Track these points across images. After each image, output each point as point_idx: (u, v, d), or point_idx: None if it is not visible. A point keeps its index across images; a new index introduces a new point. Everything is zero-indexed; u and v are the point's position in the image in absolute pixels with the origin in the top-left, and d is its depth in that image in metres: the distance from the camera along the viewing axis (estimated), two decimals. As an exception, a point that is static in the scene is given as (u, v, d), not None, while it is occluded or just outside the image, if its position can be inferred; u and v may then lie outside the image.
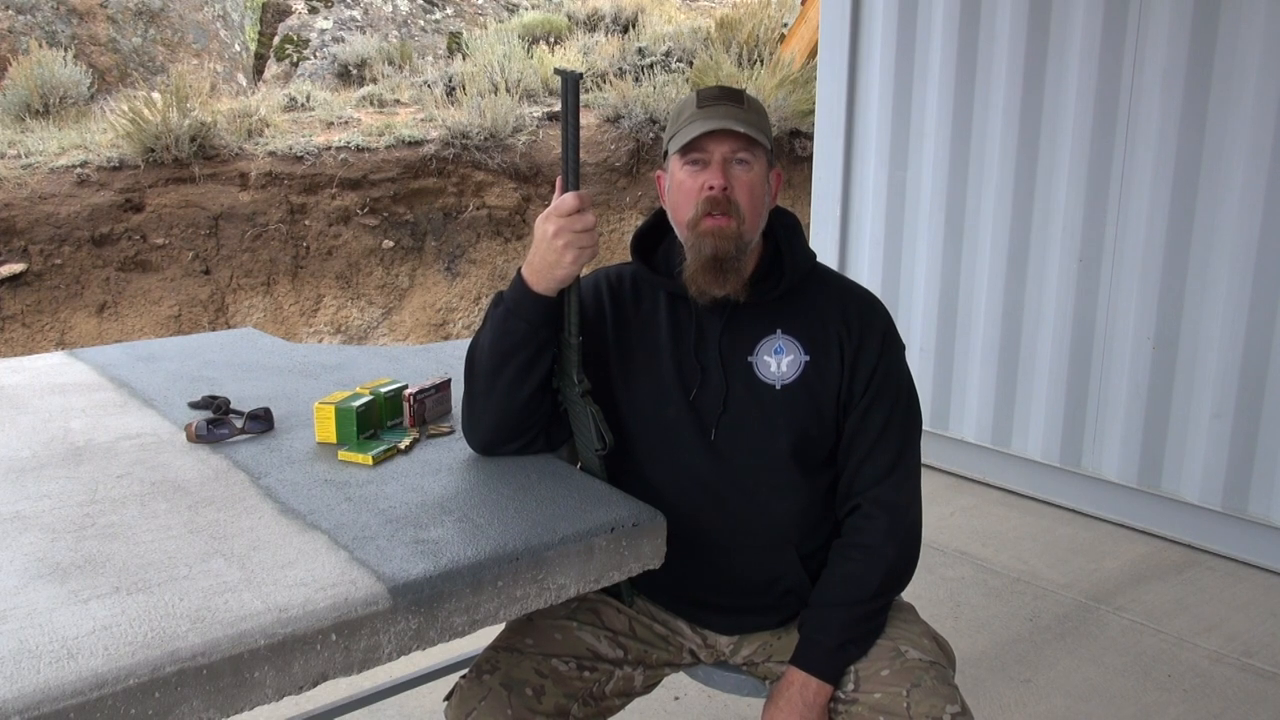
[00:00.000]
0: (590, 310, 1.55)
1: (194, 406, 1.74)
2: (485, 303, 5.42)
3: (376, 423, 1.62)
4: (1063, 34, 3.39)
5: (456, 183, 6.63)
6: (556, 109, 7.07)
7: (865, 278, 4.01)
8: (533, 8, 10.09)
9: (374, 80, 8.06)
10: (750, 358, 1.51)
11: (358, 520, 1.28)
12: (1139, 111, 3.23)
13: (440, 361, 2.04)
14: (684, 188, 1.47)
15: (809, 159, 5.13)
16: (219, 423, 1.58)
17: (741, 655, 1.61)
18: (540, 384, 1.45)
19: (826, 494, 1.55)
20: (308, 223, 6.20)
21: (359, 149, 6.46)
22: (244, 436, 1.59)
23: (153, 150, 5.94)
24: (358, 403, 1.57)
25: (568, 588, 1.25)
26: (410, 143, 6.57)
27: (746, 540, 1.52)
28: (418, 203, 6.49)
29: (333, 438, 1.56)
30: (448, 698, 1.43)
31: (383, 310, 6.22)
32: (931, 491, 2.06)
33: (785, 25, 8.30)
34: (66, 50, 7.43)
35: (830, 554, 1.53)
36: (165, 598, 1.07)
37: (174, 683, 0.96)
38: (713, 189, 1.44)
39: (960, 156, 3.71)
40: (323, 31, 8.96)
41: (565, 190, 1.38)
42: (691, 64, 8.10)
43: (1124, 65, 3.25)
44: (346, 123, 6.86)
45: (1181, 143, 3.14)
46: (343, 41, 8.75)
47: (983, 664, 2.57)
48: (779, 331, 1.51)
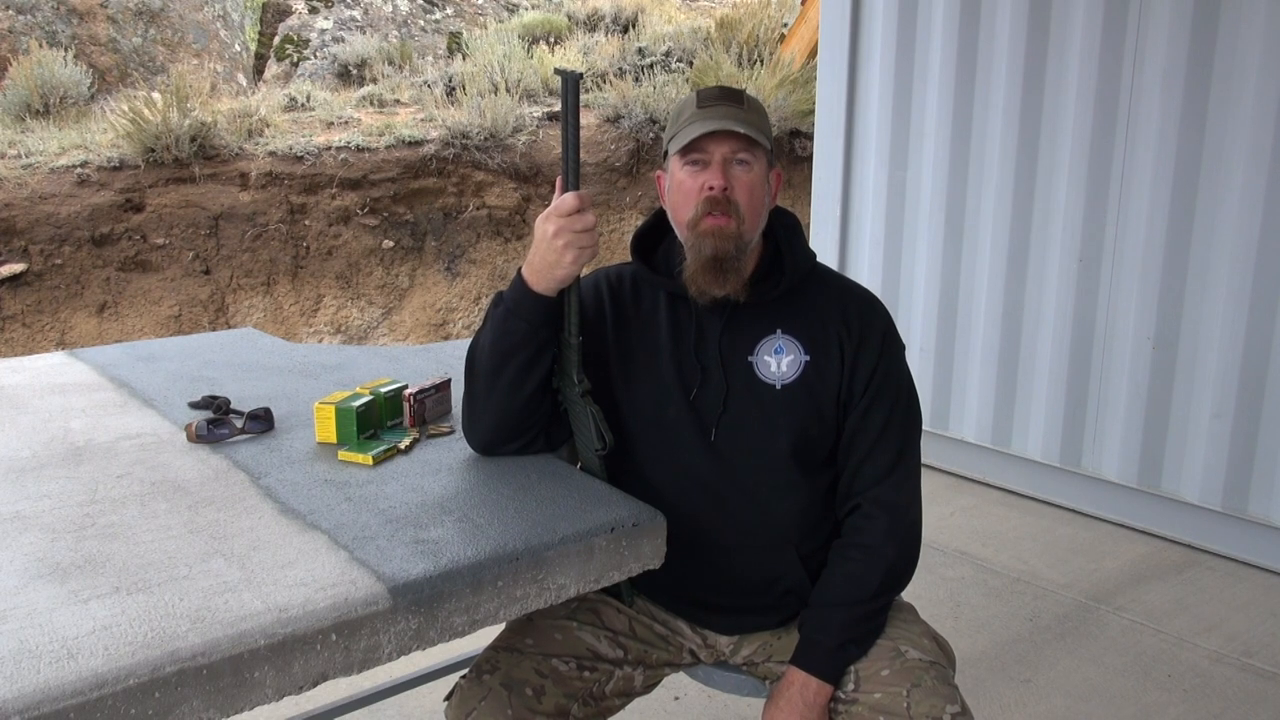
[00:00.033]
0: (590, 310, 1.55)
1: (194, 406, 1.74)
2: (485, 303, 5.42)
3: (376, 423, 1.62)
4: (1063, 34, 3.39)
5: (456, 183, 6.63)
6: (556, 109, 7.07)
7: (865, 278, 4.01)
8: (533, 8, 10.09)
9: (374, 80, 8.06)
10: (750, 358, 1.51)
11: (358, 520, 1.28)
12: (1139, 111, 3.23)
13: (440, 361, 2.04)
14: (684, 188, 1.47)
15: (809, 159, 5.13)
16: (219, 423, 1.58)
17: (741, 655, 1.61)
18: (540, 384, 1.45)
19: (826, 494, 1.55)
20: (308, 223, 6.20)
21: (359, 149, 6.46)
22: (244, 436, 1.59)
23: (153, 150, 5.95)
24: (358, 403, 1.57)
25: (568, 588, 1.25)
26: (410, 143, 6.57)
27: (746, 540, 1.52)
28: (418, 203, 6.49)
29: (333, 438, 1.56)
30: (448, 698, 1.43)
31: (383, 310, 6.22)
32: (931, 491, 2.06)
33: (785, 25, 8.30)
34: (66, 50, 7.43)
35: (830, 554, 1.53)
36: (165, 598, 1.07)
37: (174, 683, 0.96)
38: (713, 189, 1.44)
39: (960, 156, 3.71)
40: (323, 31, 8.96)
41: (565, 190, 1.38)
42: (691, 64, 8.10)
43: (1124, 65, 3.25)
44: (346, 123, 6.86)
45: (1181, 143, 3.14)
46: (343, 41, 8.74)
47: (983, 664, 2.57)
48: (779, 331, 1.52)
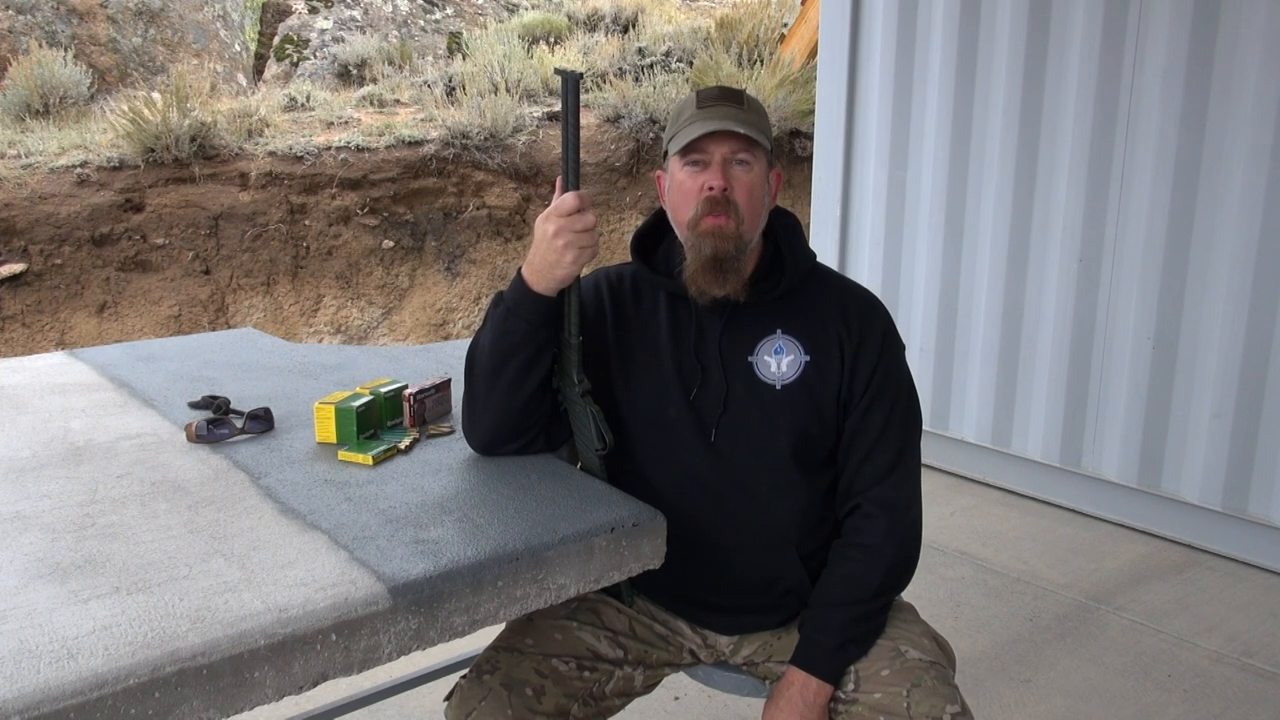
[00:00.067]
0: (590, 310, 1.55)
1: (194, 406, 1.74)
2: (485, 303, 5.41)
3: (376, 423, 1.62)
4: (1063, 34, 3.39)
5: (456, 183, 6.63)
6: (556, 109, 7.07)
7: (865, 278, 4.01)
8: (533, 8, 10.09)
9: (374, 80, 8.06)
10: (750, 358, 1.51)
11: (358, 520, 1.28)
12: (1139, 111, 3.23)
13: (440, 361, 2.04)
14: (684, 188, 1.47)
15: (809, 159, 5.13)
16: (219, 423, 1.58)
17: (741, 655, 1.61)
18: (540, 384, 1.45)
19: (826, 494, 1.55)
20: (308, 223, 6.20)
21: (359, 149, 6.46)
22: (244, 436, 1.59)
23: (153, 150, 5.95)
24: (358, 403, 1.57)
25: (568, 588, 1.25)
26: (410, 143, 6.57)
27: (746, 540, 1.52)
28: (418, 203, 6.49)
29: (333, 438, 1.56)
30: (448, 698, 1.43)
31: (383, 310, 6.22)
32: (931, 491, 2.06)
33: (785, 25, 8.30)
34: (66, 50, 7.43)
35: (830, 554, 1.53)
36: (165, 598, 1.07)
37: (174, 683, 0.96)
38: (712, 189, 1.44)
39: (960, 156, 3.71)
40: (323, 31, 8.96)
41: (565, 190, 1.38)
42: (691, 64, 8.09)
43: (1124, 65, 3.25)
44: (346, 123, 6.86)
45: (1181, 143, 3.14)
46: (343, 41, 8.74)
47: (983, 664, 2.57)
48: (779, 331, 1.52)
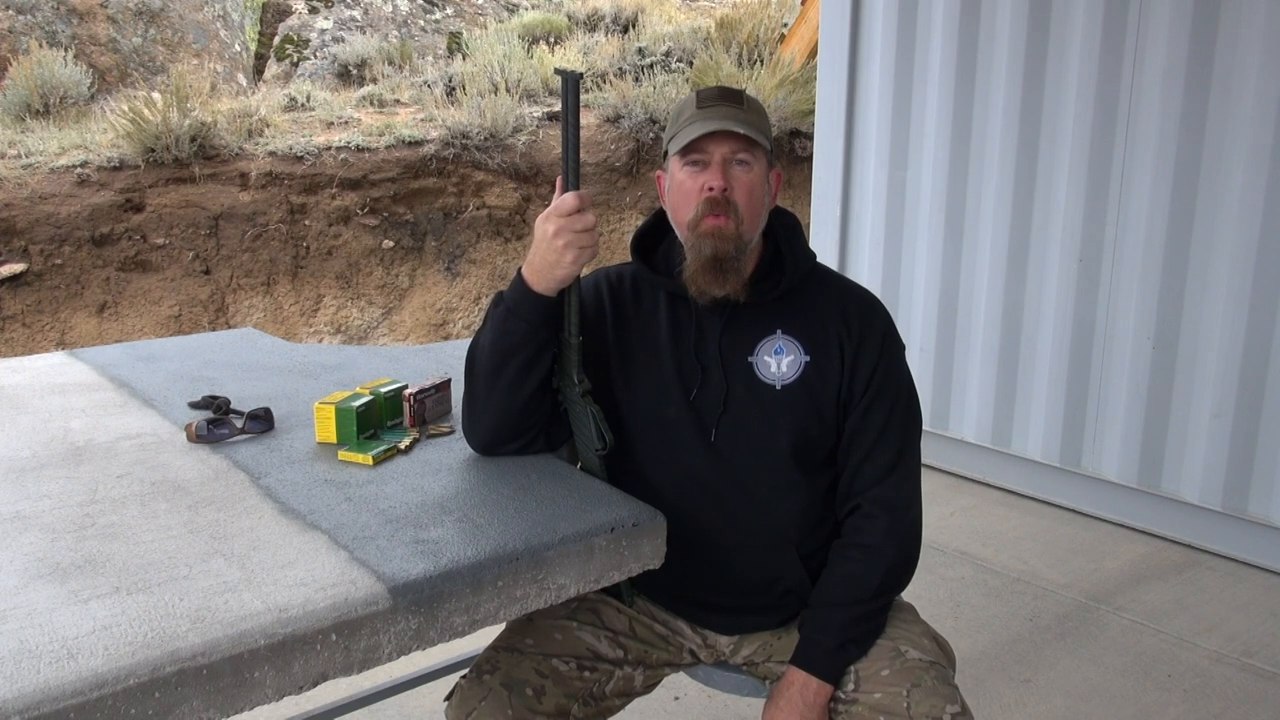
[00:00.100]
0: (590, 310, 1.55)
1: (194, 406, 1.74)
2: (485, 303, 5.41)
3: (376, 423, 1.62)
4: (1063, 34, 3.39)
5: (456, 183, 6.63)
6: (556, 109, 7.07)
7: (865, 278, 4.01)
8: (533, 8, 10.09)
9: (374, 80, 8.06)
10: (750, 358, 1.51)
11: (358, 520, 1.28)
12: (1139, 111, 3.23)
13: (440, 361, 2.04)
14: (684, 188, 1.47)
15: (809, 159, 5.13)
16: (219, 423, 1.58)
17: (741, 655, 1.61)
18: (540, 384, 1.45)
19: (827, 494, 1.55)
20: (308, 223, 6.20)
21: (359, 149, 6.46)
22: (244, 436, 1.59)
23: (153, 150, 5.95)
24: (358, 403, 1.57)
25: (568, 588, 1.25)
26: (410, 143, 6.57)
27: (746, 540, 1.52)
28: (418, 203, 6.49)
29: (333, 438, 1.56)
30: (448, 698, 1.43)
31: (383, 310, 6.22)
32: (931, 491, 2.06)
33: (785, 25, 8.30)
34: (66, 50, 7.43)
35: (830, 554, 1.53)
36: (165, 598, 1.07)
37: (174, 683, 0.96)
38: (712, 190, 1.44)
39: (960, 156, 3.71)
40: (323, 31, 8.96)
41: (565, 190, 1.38)
42: (691, 64, 8.09)
43: (1124, 65, 3.25)
44: (346, 123, 6.86)
45: (1181, 143, 3.14)
46: (343, 41, 8.74)
47: (983, 664, 2.57)
48: (779, 332, 1.51)
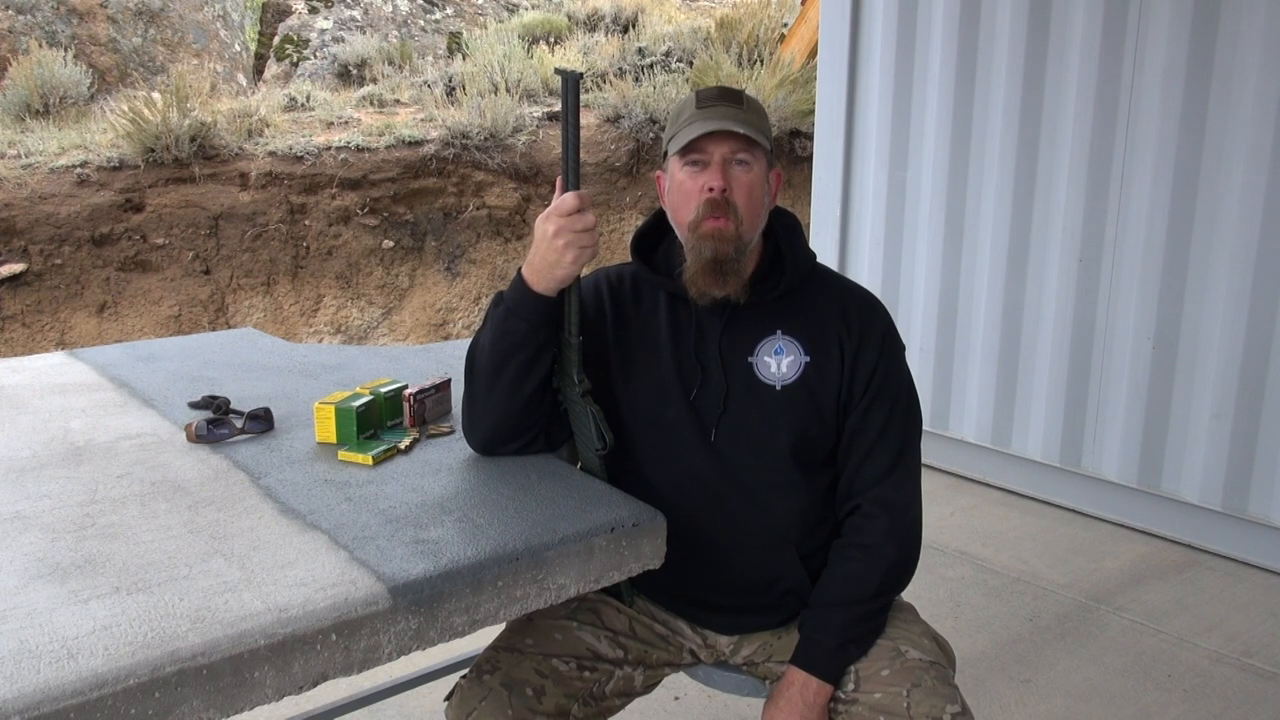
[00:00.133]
0: (590, 310, 1.55)
1: (194, 406, 1.74)
2: (485, 303, 5.41)
3: (376, 423, 1.62)
4: (1063, 34, 3.39)
5: (456, 183, 6.63)
6: (556, 109, 7.07)
7: (865, 278, 4.01)
8: (533, 8, 10.09)
9: (374, 80, 8.06)
10: (750, 358, 1.51)
11: (358, 520, 1.28)
12: (1139, 111, 3.23)
13: (440, 361, 2.04)
14: (684, 189, 1.47)
15: (809, 159, 5.13)
16: (219, 423, 1.58)
17: (741, 655, 1.61)
18: (540, 384, 1.45)
19: (827, 494, 1.55)
20: (308, 223, 6.20)
21: (359, 149, 6.46)
22: (244, 436, 1.59)
23: (153, 150, 5.94)
24: (358, 403, 1.57)
25: (568, 588, 1.25)
26: (410, 143, 6.57)
27: (746, 540, 1.52)
28: (418, 203, 6.49)
29: (333, 438, 1.56)
30: (448, 698, 1.43)
31: (383, 310, 6.22)
32: (931, 491, 2.06)
33: (785, 25, 8.30)
34: (66, 50, 7.43)
35: (830, 554, 1.53)
36: (165, 598, 1.07)
37: (174, 683, 0.96)
38: (712, 190, 1.44)
39: (960, 156, 3.71)
40: (323, 31, 8.96)
41: (565, 190, 1.38)
42: (691, 64, 8.09)
43: (1124, 65, 3.25)
44: (346, 123, 6.86)
45: (1181, 143, 3.14)
46: (343, 41, 8.74)
47: (983, 664, 2.57)
48: (779, 332, 1.51)
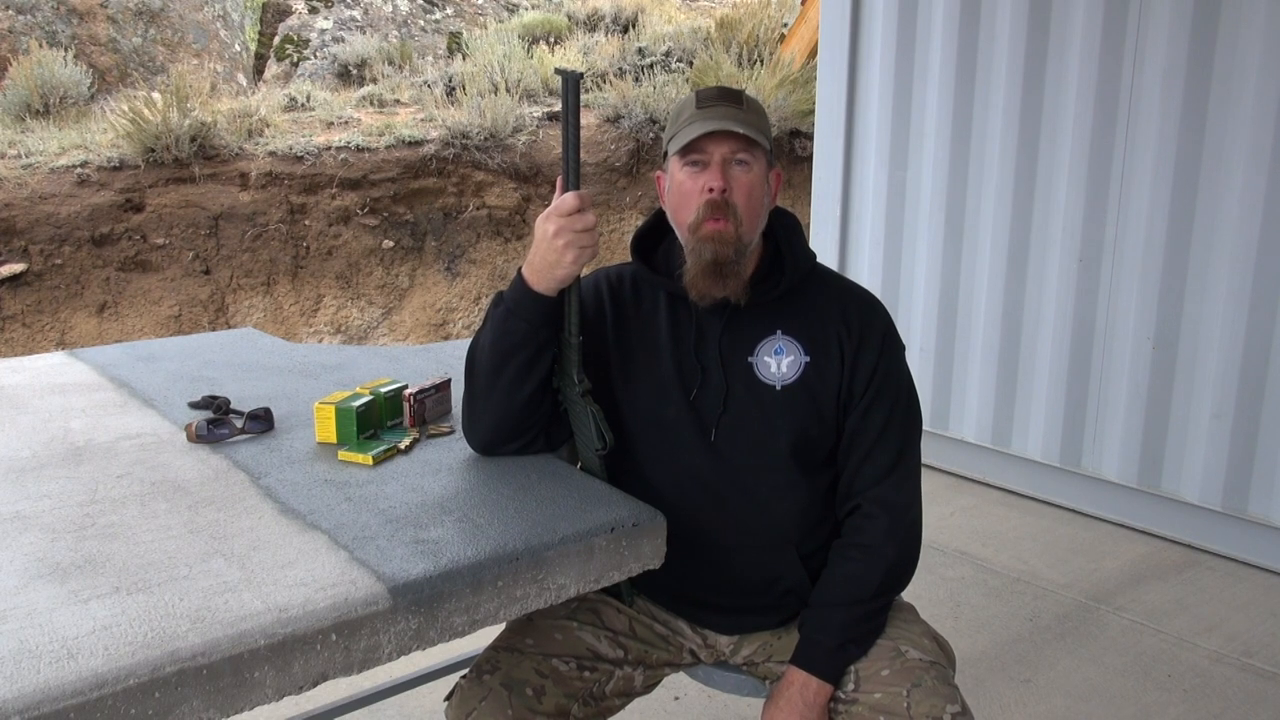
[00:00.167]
0: (590, 310, 1.55)
1: (194, 406, 1.74)
2: (485, 303, 5.42)
3: (376, 423, 1.62)
4: (1063, 34, 3.39)
5: (456, 183, 6.63)
6: (557, 109, 7.07)
7: (865, 278, 4.01)
8: (533, 8, 10.09)
9: (374, 80, 8.06)
10: (750, 358, 1.51)
11: (358, 520, 1.28)
12: (1139, 111, 3.23)
13: (440, 361, 2.04)
14: (684, 189, 1.47)
15: (809, 159, 5.13)
16: (219, 423, 1.58)
17: (741, 655, 1.61)
18: (540, 384, 1.45)
19: (827, 494, 1.55)
20: (308, 223, 6.20)
21: (359, 149, 6.46)
22: (244, 436, 1.59)
23: (153, 150, 5.94)
24: (358, 403, 1.57)
25: (568, 588, 1.25)
26: (410, 143, 6.57)
27: (746, 540, 1.52)
28: (418, 203, 6.49)
29: (333, 438, 1.56)
30: (448, 698, 1.43)
31: (383, 310, 6.22)
32: (931, 491, 2.06)
33: (785, 25, 8.30)
34: (66, 50, 7.43)
35: (830, 554, 1.53)
36: (165, 598, 1.07)
37: (174, 683, 0.96)
38: (712, 191, 1.44)
39: (960, 156, 3.71)
40: (323, 31, 8.96)
41: (565, 190, 1.38)
42: (691, 64, 8.09)
43: (1124, 65, 3.25)
44: (346, 123, 6.86)
45: (1181, 143, 3.14)
46: (343, 41, 8.74)
47: (983, 664, 2.57)
48: (779, 332, 1.51)
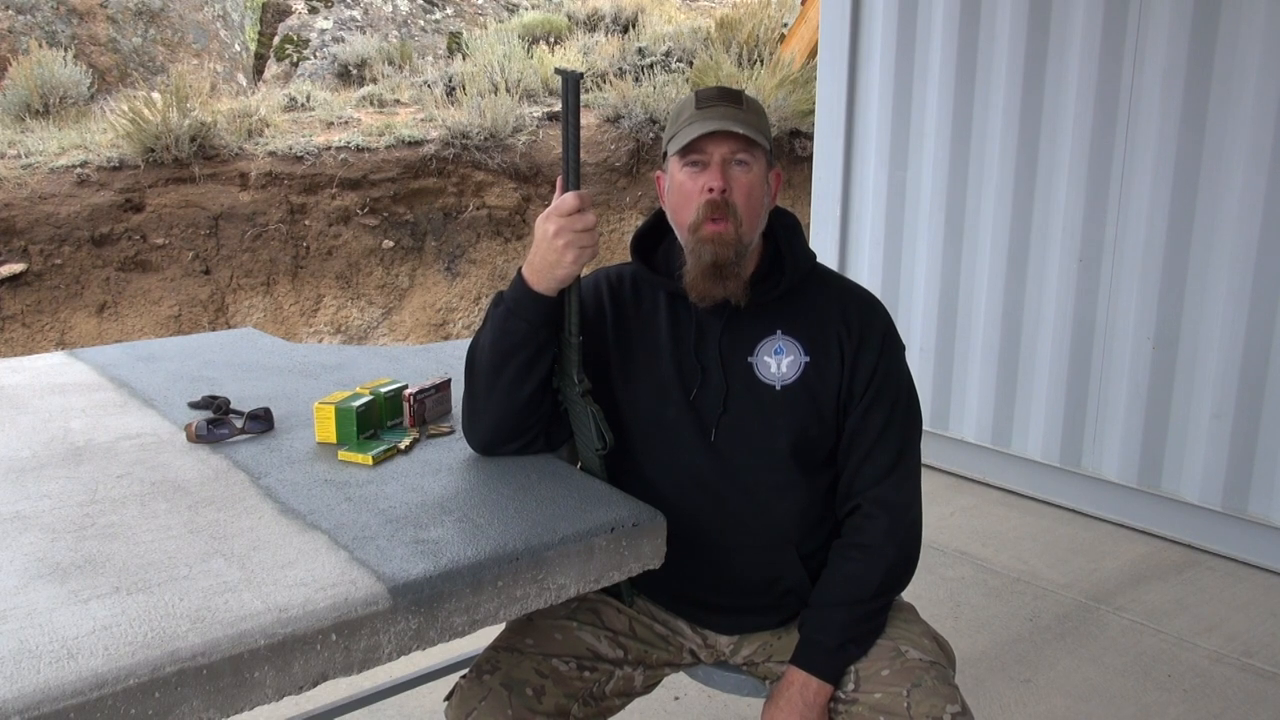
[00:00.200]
0: (590, 310, 1.55)
1: (194, 406, 1.74)
2: (485, 303, 5.42)
3: (376, 423, 1.62)
4: (1063, 34, 3.39)
5: (456, 183, 6.63)
6: (557, 109, 7.07)
7: (865, 278, 4.01)
8: (533, 8, 10.09)
9: (374, 80, 8.06)
10: (750, 358, 1.51)
11: (358, 520, 1.28)
12: (1139, 111, 3.23)
13: (440, 361, 2.04)
14: (684, 189, 1.47)
15: (809, 159, 5.12)
16: (219, 423, 1.58)
17: (741, 655, 1.61)
18: (540, 384, 1.45)
19: (826, 494, 1.55)
20: (308, 223, 6.20)
21: (359, 149, 6.46)
22: (244, 436, 1.59)
23: (153, 150, 5.94)
24: (358, 403, 1.57)
25: (568, 588, 1.25)
26: (410, 143, 6.57)
27: (746, 540, 1.52)
28: (418, 203, 6.49)
29: (333, 438, 1.56)
30: (448, 698, 1.43)
31: (383, 310, 6.22)
32: (931, 491, 2.06)
33: (785, 25, 8.30)
34: (66, 50, 7.43)
35: (830, 554, 1.53)
36: (165, 598, 1.07)
37: (174, 683, 0.96)
38: (712, 191, 1.44)
39: (960, 156, 3.71)
40: (323, 31, 8.96)
41: (566, 190, 1.38)
42: (691, 64, 8.09)
43: (1124, 65, 3.25)
44: (346, 123, 6.86)
45: (1181, 143, 3.14)
46: (343, 41, 8.74)
47: (983, 664, 2.57)
48: (779, 332, 1.51)
